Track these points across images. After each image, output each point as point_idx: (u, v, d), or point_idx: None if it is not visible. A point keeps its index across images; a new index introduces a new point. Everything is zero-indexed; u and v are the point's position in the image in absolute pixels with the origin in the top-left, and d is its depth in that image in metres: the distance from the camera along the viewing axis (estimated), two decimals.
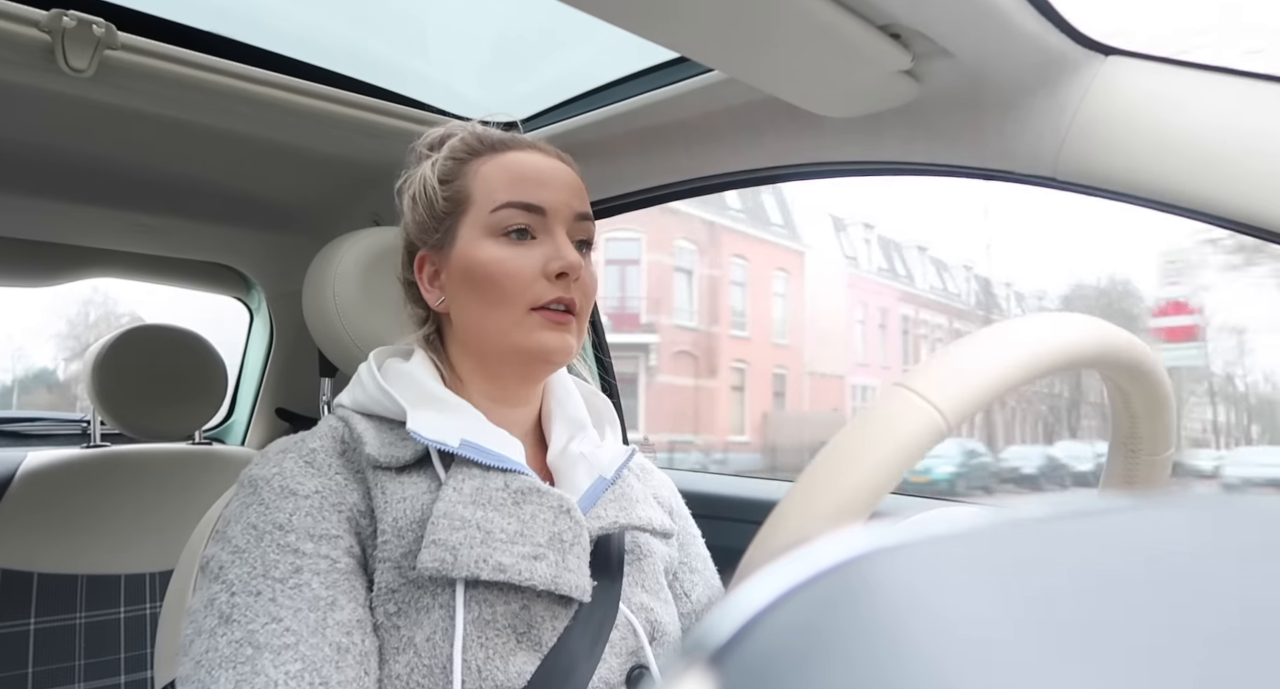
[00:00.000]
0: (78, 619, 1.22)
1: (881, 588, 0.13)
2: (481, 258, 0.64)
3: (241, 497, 0.58)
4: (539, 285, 0.63)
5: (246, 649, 0.49)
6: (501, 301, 0.63)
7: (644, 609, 0.63)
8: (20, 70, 0.87)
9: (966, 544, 0.14)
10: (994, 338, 0.42)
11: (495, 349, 0.65)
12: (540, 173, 0.66)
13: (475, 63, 1.18)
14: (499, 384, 0.67)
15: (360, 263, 0.86)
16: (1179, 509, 0.15)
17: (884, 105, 0.81)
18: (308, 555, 0.54)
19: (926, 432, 0.38)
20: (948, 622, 0.12)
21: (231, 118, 1.03)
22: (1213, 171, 0.65)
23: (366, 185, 1.28)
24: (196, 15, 0.97)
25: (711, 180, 1.06)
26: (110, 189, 1.28)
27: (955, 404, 0.39)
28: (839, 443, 0.39)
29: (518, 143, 0.68)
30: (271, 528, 0.54)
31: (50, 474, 1.28)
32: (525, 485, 0.59)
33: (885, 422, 0.39)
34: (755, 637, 0.12)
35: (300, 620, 0.51)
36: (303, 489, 0.57)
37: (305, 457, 0.59)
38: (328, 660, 0.50)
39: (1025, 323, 0.44)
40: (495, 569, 0.54)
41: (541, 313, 0.63)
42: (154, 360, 1.39)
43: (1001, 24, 0.67)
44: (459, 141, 0.68)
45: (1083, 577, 0.13)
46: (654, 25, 0.68)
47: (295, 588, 0.52)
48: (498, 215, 0.64)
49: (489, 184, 0.65)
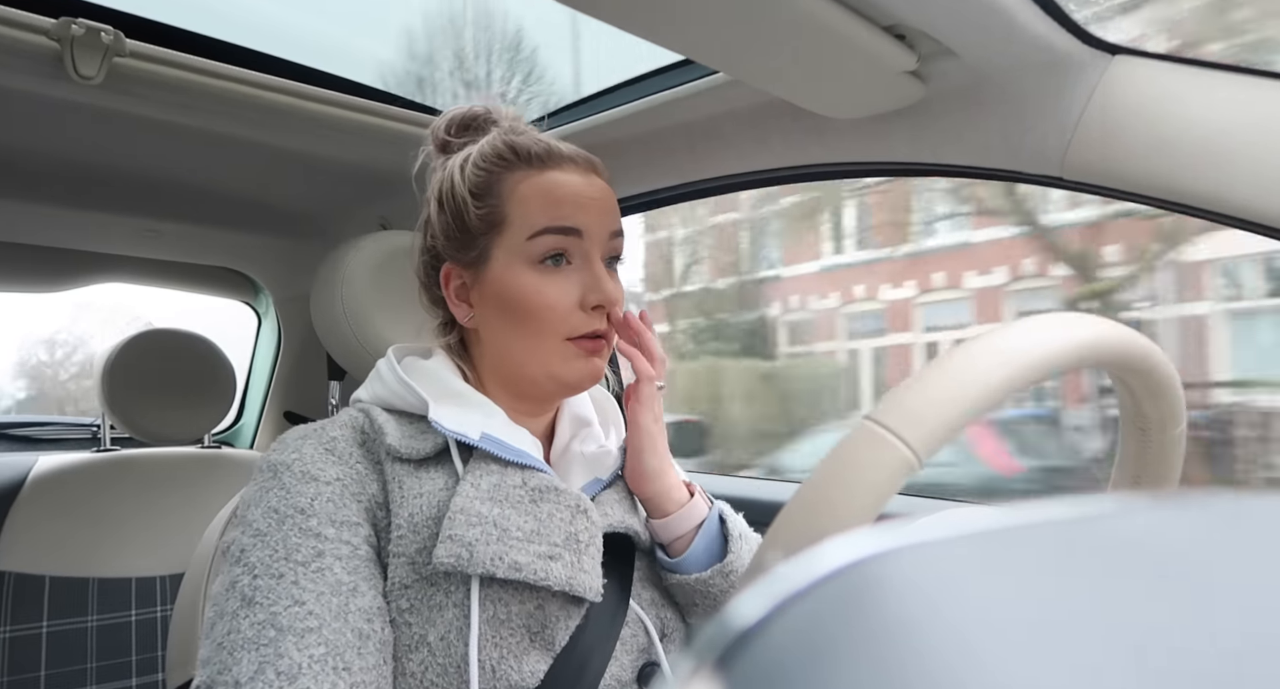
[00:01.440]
0: (89, 622, 1.23)
1: (890, 589, 0.13)
2: (517, 285, 0.62)
3: (260, 481, 0.57)
4: (575, 317, 0.63)
5: (269, 631, 0.49)
6: (538, 332, 0.63)
7: (654, 606, 0.64)
8: (29, 78, 0.88)
9: (976, 546, 0.14)
10: (962, 359, 0.40)
11: (527, 374, 0.65)
12: (579, 195, 0.64)
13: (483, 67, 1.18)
14: (522, 400, 0.67)
15: (368, 267, 0.86)
16: (1190, 510, 0.15)
17: (889, 106, 0.81)
18: (329, 540, 0.54)
19: (898, 471, 0.37)
20: (957, 623, 0.12)
21: (239, 124, 1.04)
22: (1221, 170, 0.65)
23: (374, 190, 1.29)
24: (204, 22, 0.97)
25: (717, 182, 1.06)
26: (119, 195, 1.29)
27: (927, 441, 0.38)
28: (811, 486, 0.39)
29: (554, 157, 0.65)
30: (293, 512, 0.54)
31: (61, 478, 1.29)
32: (543, 483, 0.59)
33: (857, 466, 0.38)
34: (764, 637, 0.12)
35: (323, 604, 0.51)
36: (324, 475, 0.57)
37: (326, 444, 0.59)
38: (350, 646, 0.50)
39: (993, 336, 0.42)
40: (511, 568, 0.54)
41: (579, 344, 0.63)
42: (163, 364, 1.40)
43: (1007, 24, 0.67)
44: (490, 149, 0.65)
45: (1092, 578, 0.13)
46: (659, 29, 0.68)
47: (318, 572, 0.52)
48: (535, 242, 0.62)
49: (526, 207, 0.63)
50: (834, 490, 0.38)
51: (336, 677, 0.48)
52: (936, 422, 0.38)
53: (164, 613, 1.29)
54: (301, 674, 0.47)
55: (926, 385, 0.40)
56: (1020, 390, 0.41)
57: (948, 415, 0.38)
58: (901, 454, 0.37)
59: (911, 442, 0.38)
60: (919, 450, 0.38)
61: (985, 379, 0.40)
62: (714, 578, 0.63)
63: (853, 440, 0.39)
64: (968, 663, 0.11)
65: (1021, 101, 0.75)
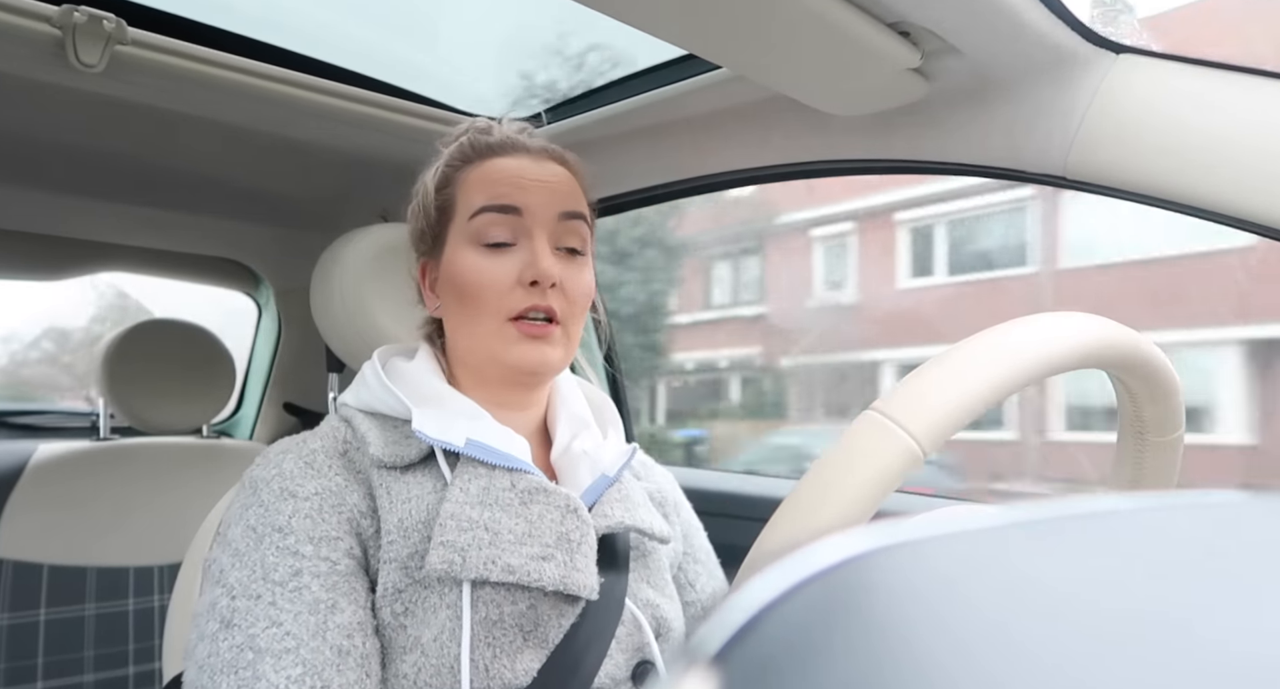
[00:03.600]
0: (87, 611, 1.23)
1: (884, 587, 0.13)
2: (461, 266, 0.64)
3: (242, 498, 0.57)
4: (515, 294, 0.62)
5: (247, 654, 0.49)
6: (480, 311, 0.63)
7: (650, 605, 0.64)
8: (31, 65, 0.88)
9: (970, 544, 0.14)
10: (966, 354, 0.41)
11: (479, 358, 0.65)
12: (519, 175, 0.65)
13: (485, 59, 1.18)
14: (491, 390, 0.67)
15: (368, 259, 0.86)
16: (1184, 509, 0.15)
17: (893, 103, 0.81)
18: (307, 558, 0.54)
19: (903, 461, 0.37)
20: (950, 622, 0.12)
21: (241, 113, 1.04)
22: (1226, 171, 0.65)
23: (375, 181, 1.28)
24: (206, 11, 0.97)
25: (719, 178, 1.06)
26: (119, 183, 1.29)
27: (931, 432, 0.38)
28: (816, 475, 0.39)
29: (506, 147, 0.67)
30: (270, 531, 0.54)
31: (60, 466, 1.29)
32: (532, 485, 0.59)
33: (862, 454, 0.38)
34: (757, 635, 0.12)
35: (300, 624, 0.51)
36: (302, 491, 0.56)
37: (305, 458, 0.59)
38: (329, 664, 0.50)
39: (997, 333, 0.42)
40: (504, 570, 0.54)
41: (519, 325, 0.62)
42: (163, 354, 1.40)
43: (1011, 21, 0.67)
44: (456, 148, 0.68)
45: (1086, 578, 0.13)
46: (664, 23, 0.67)
47: (295, 591, 0.52)
48: (475, 221, 0.64)
49: (469, 190, 0.65)
50: (839, 477, 0.38)
51: None
52: (941, 413, 0.38)
53: (161, 602, 1.29)
54: None
55: (931, 378, 0.40)
56: (1022, 387, 0.41)
57: (951, 408, 0.38)
58: (906, 443, 0.38)
59: (916, 432, 0.38)
60: (923, 441, 0.38)
61: (989, 374, 0.40)
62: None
63: (857, 429, 0.39)
64: (961, 662, 0.11)
65: (1025, 100, 0.75)
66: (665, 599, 0.66)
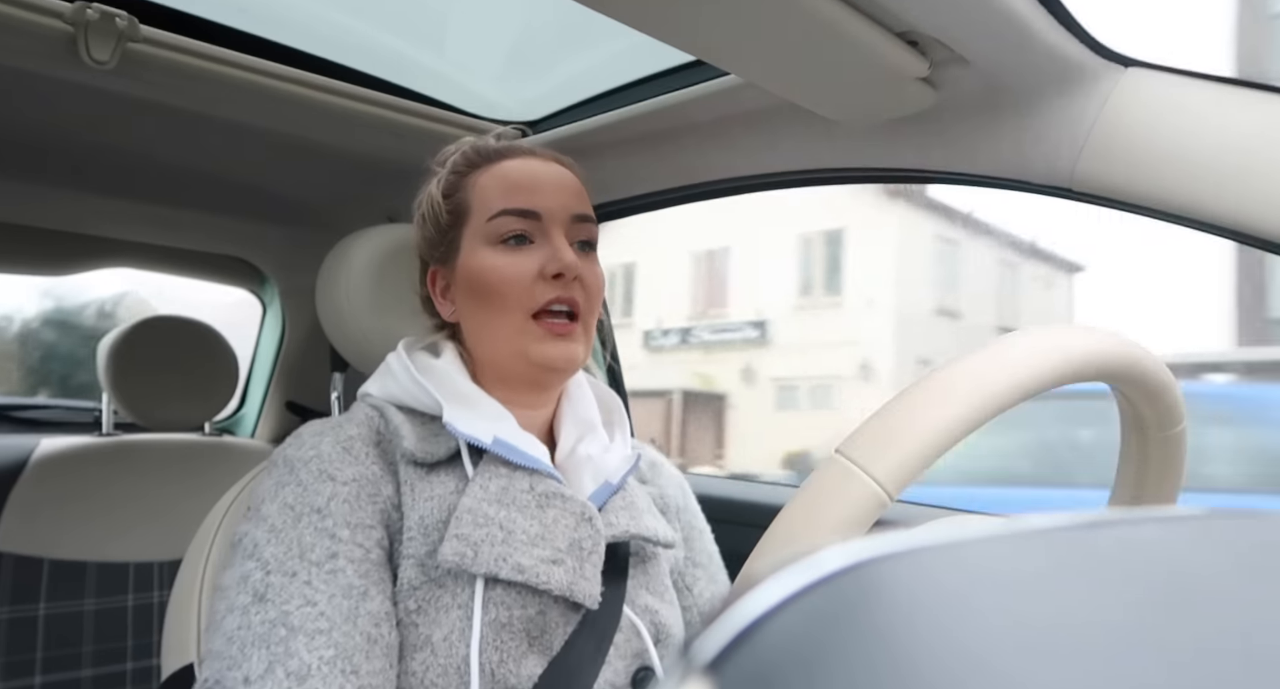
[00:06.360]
0: (86, 606, 1.23)
1: (885, 595, 0.13)
2: (481, 266, 0.64)
3: (276, 476, 0.57)
4: (538, 287, 0.63)
5: (280, 630, 0.49)
6: (503, 309, 0.63)
7: (649, 612, 0.64)
8: (42, 61, 0.88)
9: (972, 553, 0.14)
10: (931, 388, 0.39)
11: (503, 357, 0.65)
12: (534, 178, 0.66)
13: (492, 62, 1.18)
14: (512, 389, 0.67)
15: (374, 259, 0.86)
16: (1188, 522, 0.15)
17: (900, 112, 0.81)
18: (344, 542, 0.54)
19: (867, 508, 0.36)
20: (950, 631, 0.12)
21: (250, 112, 1.04)
22: (1233, 185, 0.65)
23: (382, 182, 1.29)
24: (218, 10, 0.98)
25: (724, 184, 1.06)
26: (128, 180, 1.30)
27: (895, 475, 0.36)
28: (782, 524, 0.37)
29: (513, 151, 0.69)
30: (309, 510, 0.54)
31: (62, 461, 1.29)
32: (550, 489, 0.60)
33: (827, 503, 0.37)
34: (756, 643, 0.12)
35: (335, 607, 0.51)
36: (341, 475, 0.57)
37: (343, 443, 0.59)
38: (359, 650, 0.50)
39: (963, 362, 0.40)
40: (514, 569, 0.54)
41: (543, 322, 0.63)
42: (167, 351, 1.40)
43: (1020, 33, 0.67)
44: (460, 156, 0.69)
45: (1090, 588, 0.12)
46: (671, 28, 0.68)
47: (331, 573, 0.52)
48: (494, 223, 0.64)
49: (484, 194, 0.66)
50: (804, 528, 0.36)
51: (345, 679, 0.49)
52: (905, 454, 0.37)
53: (161, 598, 1.30)
54: (311, 675, 0.48)
55: (893, 416, 0.38)
56: (994, 416, 0.39)
57: (916, 447, 0.37)
58: (870, 489, 0.36)
59: (879, 476, 0.36)
60: (887, 485, 0.36)
61: (955, 408, 0.38)
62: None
63: (821, 475, 0.38)
64: (962, 671, 0.11)
65: (1033, 111, 0.75)
66: (665, 605, 0.65)
